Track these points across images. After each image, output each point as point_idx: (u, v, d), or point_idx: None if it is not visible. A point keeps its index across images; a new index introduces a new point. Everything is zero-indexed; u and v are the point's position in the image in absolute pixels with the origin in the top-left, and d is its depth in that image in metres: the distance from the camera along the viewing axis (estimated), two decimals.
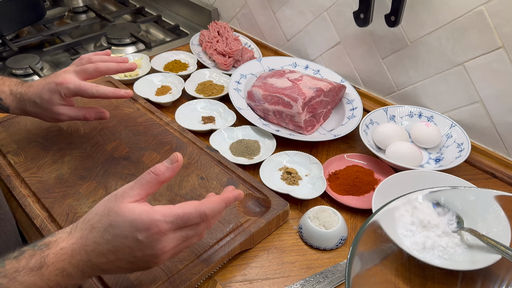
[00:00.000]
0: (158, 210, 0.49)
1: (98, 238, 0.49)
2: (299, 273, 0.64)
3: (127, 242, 0.49)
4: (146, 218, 0.48)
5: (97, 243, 0.49)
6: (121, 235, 0.48)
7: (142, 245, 0.49)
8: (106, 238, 0.49)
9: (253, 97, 0.92)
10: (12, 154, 0.79)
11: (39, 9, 1.30)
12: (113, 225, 0.49)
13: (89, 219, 0.50)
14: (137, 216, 0.48)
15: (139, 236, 0.48)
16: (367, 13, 0.85)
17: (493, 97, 0.80)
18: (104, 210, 0.50)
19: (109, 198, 0.51)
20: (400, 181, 0.73)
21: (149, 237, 0.49)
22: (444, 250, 0.57)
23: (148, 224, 0.48)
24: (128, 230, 0.48)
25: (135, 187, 0.51)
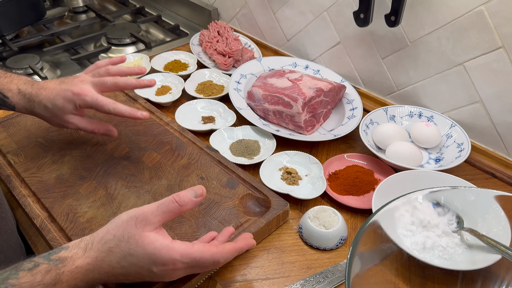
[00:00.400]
0: (177, 249, 0.51)
1: (115, 263, 0.50)
2: (299, 273, 0.64)
3: (141, 271, 0.51)
4: (166, 255, 0.50)
5: (112, 267, 0.50)
6: (137, 265, 0.50)
7: (154, 275, 0.51)
8: (122, 264, 0.50)
9: (253, 97, 0.92)
10: (12, 154, 0.79)
11: (39, 9, 1.30)
12: (132, 254, 0.50)
13: (107, 240, 0.50)
14: (157, 251, 0.50)
15: (154, 269, 0.50)
16: (367, 13, 0.85)
17: (493, 97, 0.80)
18: (123, 235, 0.50)
19: (129, 221, 0.51)
20: (400, 181, 0.73)
21: (163, 271, 0.51)
22: (444, 250, 0.57)
23: (166, 261, 0.50)
24: (146, 262, 0.50)
25: (156, 213, 0.52)
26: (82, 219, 0.67)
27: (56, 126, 0.75)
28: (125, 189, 0.72)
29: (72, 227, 0.66)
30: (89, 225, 0.66)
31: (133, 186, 0.73)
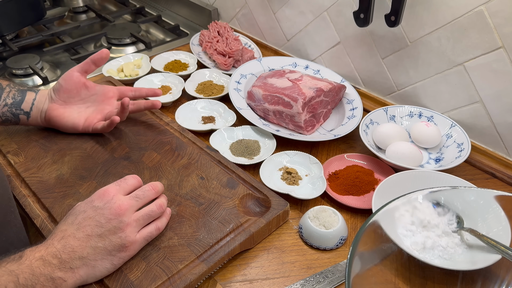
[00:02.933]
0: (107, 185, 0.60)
1: (63, 226, 0.56)
2: (299, 273, 0.64)
3: (88, 214, 0.57)
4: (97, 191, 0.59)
5: (64, 229, 0.56)
6: (80, 211, 0.57)
7: (101, 209, 0.57)
8: (70, 221, 0.57)
9: (253, 97, 0.92)
10: (12, 154, 0.79)
11: (39, 9, 1.30)
12: (71, 212, 0.58)
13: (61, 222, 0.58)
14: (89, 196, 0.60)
15: (94, 203, 0.58)
16: (367, 13, 0.85)
17: (493, 97, 0.80)
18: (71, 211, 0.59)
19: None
20: (400, 181, 0.73)
21: (102, 200, 0.58)
22: (444, 250, 0.57)
23: (100, 193, 0.59)
24: (84, 205, 0.58)
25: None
26: None
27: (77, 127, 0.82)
28: None
29: None
30: None
31: None
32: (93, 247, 0.55)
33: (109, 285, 0.58)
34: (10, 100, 0.78)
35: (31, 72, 1.11)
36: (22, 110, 0.79)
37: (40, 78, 1.07)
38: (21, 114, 0.79)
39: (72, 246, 0.54)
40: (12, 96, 0.78)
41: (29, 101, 0.79)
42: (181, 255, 0.62)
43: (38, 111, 0.80)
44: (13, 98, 0.78)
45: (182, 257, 0.62)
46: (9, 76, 1.12)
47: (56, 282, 0.52)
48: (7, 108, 0.78)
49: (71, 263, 0.53)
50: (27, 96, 0.79)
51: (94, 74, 1.06)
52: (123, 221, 0.57)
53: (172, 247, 0.63)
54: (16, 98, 0.78)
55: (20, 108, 0.78)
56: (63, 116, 0.80)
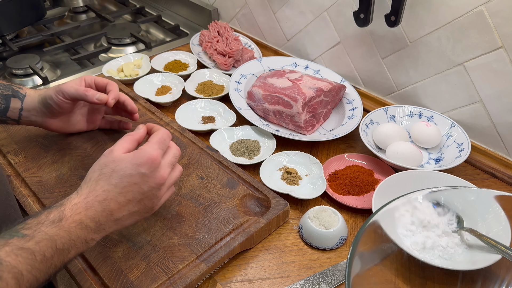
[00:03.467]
0: (144, 147, 0.58)
1: (106, 185, 0.54)
2: (299, 273, 0.64)
3: (134, 179, 0.55)
4: (141, 154, 0.56)
5: (107, 190, 0.54)
6: (126, 174, 0.55)
7: (147, 176, 0.56)
8: (114, 182, 0.55)
9: (253, 97, 0.92)
10: (12, 154, 0.79)
11: (39, 9, 1.30)
12: (116, 169, 0.55)
13: (90, 177, 0.56)
14: (132, 156, 0.56)
15: (142, 170, 0.56)
16: (367, 13, 0.85)
17: (493, 97, 0.80)
18: (101, 165, 0.56)
19: (100, 159, 0.57)
20: (400, 181, 0.73)
21: (150, 166, 0.56)
22: (444, 250, 0.57)
23: (145, 156, 0.56)
24: (131, 168, 0.55)
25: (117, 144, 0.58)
26: None
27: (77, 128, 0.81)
28: None
29: None
30: None
31: None
32: (129, 210, 0.56)
33: (109, 285, 0.58)
34: None
35: (31, 72, 1.11)
36: (9, 118, 0.74)
37: (40, 78, 1.07)
38: (8, 120, 0.75)
39: (111, 209, 0.54)
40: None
41: (15, 110, 0.74)
42: (181, 255, 0.62)
43: (30, 122, 0.76)
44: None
45: (182, 257, 0.62)
46: (9, 76, 1.12)
47: (89, 243, 0.53)
48: None
49: (106, 225, 0.54)
50: (11, 104, 0.73)
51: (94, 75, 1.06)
52: (162, 189, 0.59)
53: (172, 247, 0.63)
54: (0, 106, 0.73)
55: (6, 116, 0.74)
56: (63, 127, 0.80)
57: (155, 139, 0.59)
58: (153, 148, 0.57)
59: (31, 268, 0.46)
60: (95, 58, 1.20)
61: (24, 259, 0.45)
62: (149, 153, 0.56)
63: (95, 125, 0.84)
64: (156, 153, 0.57)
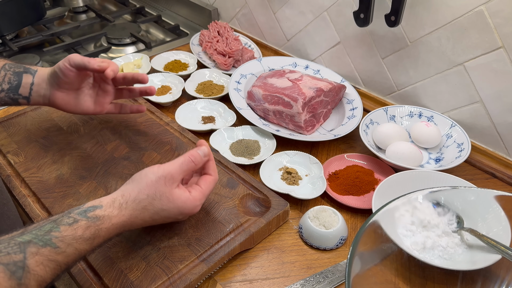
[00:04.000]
0: (196, 197, 0.60)
1: (147, 218, 0.57)
2: (299, 273, 0.64)
3: (168, 220, 0.60)
4: (190, 205, 0.60)
5: (145, 221, 0.57)
6: (168, 216, 0.59)
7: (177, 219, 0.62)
8: (154, 218, 0.58)
9: (253, 97, 0.92)
10: (12, 154, 0.79)
11: (39, 9, 1.30)
12: (164, 209, 0.58)
13: (140, 200, 0.56)
14: (183, 203, 0.59)
15: (180, 217, 0.61)
16: (367, 13, 0.85)
17: (493, 97, 0.80)
18: (155, 194, 0.57)
19: (158, 181, 0.58)
20: (400, 181, 0.73)
21: (187, 215, 0.61)
22: (444, 250, 0.57)
23: (191, 208, 0.60)
24: (175, 213, 0.59)
25: (179, 172, 0.59)
26: None
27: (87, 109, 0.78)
28: None
29: None
30: None
31: None
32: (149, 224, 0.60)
33: (109, 285, 0.58)
34: (7, 85, 0.73)
35: None
36: (20, 95, 0.74)
37: None
38: (19, 99, 0.75)
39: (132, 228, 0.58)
40: (8, 80, 0.74)
41: (26, 86, 0.74)
42: (181, 255, 0.62)
43: (39, 96, 0.75)
44: (9, 82, 0.74)
45: (182, 257, 0.62)
46: None
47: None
48: (4, 94, 0.74)
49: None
50: (23, 80, 0.74)
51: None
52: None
53: (172, 247, 0.63)
54: (12, 83, 0.74)
55: (17, 93, 0.74)
56: (69, 103, 0.77)
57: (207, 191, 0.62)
58: (201, 202, 0.61)
59: (54, 277, 0.48)
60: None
61: (51, 269, 0.47)
62: (195, 207, 0.61)
63: (103, 108, 0.80)
64: (199, 208, 0.62)
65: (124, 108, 0.83)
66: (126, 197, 0.56)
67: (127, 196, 0.56)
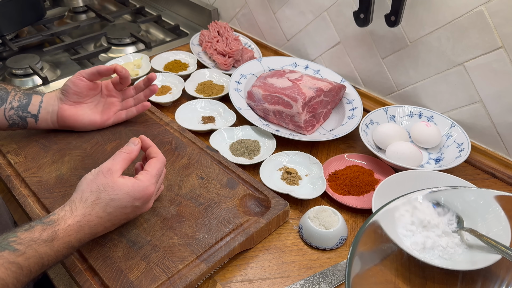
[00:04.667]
0: (143, 178, 0.61)
1: (101, 212, 0.57)
2: (299, 273, 0.64)
3: (126, 210, 0.60)
4: (139, 187, 0.60)
5: (100, 216, 0.57)
6: (121, 206, 0.59)
7: (138, 208, 0.61)
8: (108, 211, 0.58)
9: (253, 97, 0.92)
10: (12, 154, 0.79)
11: (39, 9, 1.30)
12: (114, 198, 0.58)
13: (86, 198, 0.58)
14: (131, 188, 0.59)
15: (136, 203, 0.60)
16: (367, 13, 0.85)
17: (493, 97, 0.80)
18: (99, 187, 0.58)
19: (97, 176, 0.59)
20: (400, 181, 0.73)
21: (144, 201, 0.61)
22: (444, 250, 0.57)
23: (142, 191, 0.60)
24: (128, 200, 0.59)
25: (115, 163, 0.61)
26: None
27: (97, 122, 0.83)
28: None
29: None
30: None
31: None
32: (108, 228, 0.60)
33: (109, 285, 0.58)
34: (16, 103, 0.77)
35: (31, 72, 1.11)
36: (29, 113, 0.78)
37: (40, 78, 1.07)
38: (28, 117, 0.78)
39: (97, 232, 0.58)
40: (18, 99, 0.77)
41: (35, 103, 0.78)
42: (181, 255, 0.62)
43: (47, 114, 0.79)
44: (19, 101, 0.77)
45: (182, 257, 0.62)
46: (9, 76, 1.12)
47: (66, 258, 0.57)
48: (13, 111, 0.77)
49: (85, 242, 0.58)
50: (33, 99, 0.78)
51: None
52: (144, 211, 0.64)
53: (172, 247, 0.63)
54: (22, 101, 0.77)
55: (27, 111, 0.77)
56: (77, 115, 0.81)
57: (154, 171, 0.62)
58: (151, 183, 0.61)
59: (17, 281, 0.49)
60: (95, 58, 1.20)
61: (12, 272, 0.48)
62: (146, 189, 0.60)
63: (109, 118, 0.84)
64: (152, 189, 0.61)
65: (130, 112, 0.86)
66: (73, 201, 0.58)
67: (73, 200, 0.58)
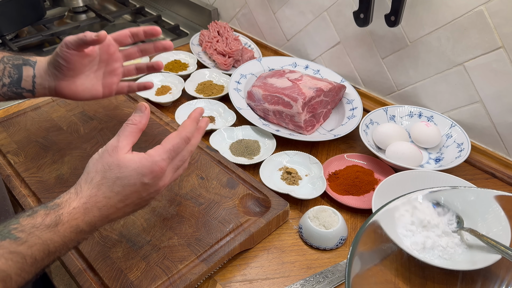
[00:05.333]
0: (153, 153, 0.55)
1: (108, 192, 0.53)
2: (299, 273, 0.64)
3: (135, 188, 0.54)
4: (147, 162, 0.54)
5: (108, 197, 0.53)
6: (129, 184, 0.53)
7: (148, 186, 0.55)
8: (116, 190, 0.53)
9: (253, 97, 0.92)
10: (12, 154, 0.79)
11: (39, 9, 1.30)
12: (120, 177, 0.53)
13: (91, 178, 0.53)
14: (139, 163, 0.54)
15: (145, 180, 0.54)
16: (367, 13, 0.85)
17: (493, 97, 0.80)
18: (104, 166, 0.54)
19: (102, 155, 0.55)
20: (400, 181, 0.73)
21: (153, 177, 0.54)
22: (444, 250, 0.57)
23: (151, 166, 0.54)
24: (135, 177, 0.53)
25: (121, 139, 0.55)
26: None
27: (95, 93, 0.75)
28: None
29: None
30: None
31: None
32: (125, 212, 0.55)
33: (109, 285, 0.58)
34: (7, 79, 0.70)
35: None
36: (24, 89, 0.71)
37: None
38: (24, 92, 0.71)
39: (108, 214, 0.53)
40: (8, 74, 0.70)
41: (28, 79, 0.71)
42: (181, 255, 0.62)
43: (44, 89, 0.72)
44: (10, 76, 0.70)
45: (182, 257, 0.62)
46: None
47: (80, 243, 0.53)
48: (6, 89, 0.70)
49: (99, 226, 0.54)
50: (24, 73, 0.71)
51: None
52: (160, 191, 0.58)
53: (172, 247, 0.63)
54: (13, 76, 0.70)
55: (21, 87, 0.71)
56: (77, 91, 0.73)
57: (168, 146, 0.56)
58: (162, 158, 0.55)
59: (21, 271, 0.45)
60: None
61: (14, 263, 0.45)
62: (156, 164, 0.54)
63: (111, 89, 0.77)
64: (163, 164, 0.55)
65: (132, 87, 0.81)
66: (79, 182, 0.54)
67: (79, 182, 0.54)
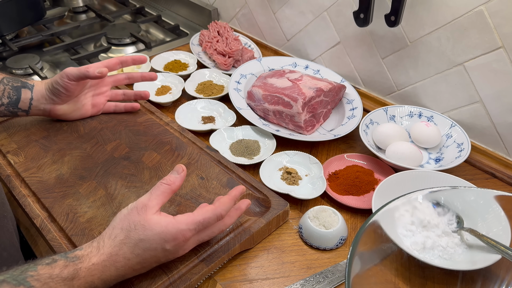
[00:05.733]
0: (181, 220, 0.54)
1: (128, 254, 0.52)
2: (299, 273, 0.64)
3: (156, 253, 0.53)
4: (173, 229, 0.53)
5: (127, 258, 0.52)
6: (151, 248, 0.53)
7: (169, 252, 0.54)
8: (137, 252, 0.52)
9: (253, 97, 0.92)
10: (12, 154, 0.79)
11: (39, 9, 1.30)
12: (143, 239, 0.53)
13: (116, 235, 0.53)
14: (164, 228, 0.53)
15: (167, 246, 0.53)
16: (367, 13, 0.85)
17: (493, 97, 0.80)
18: (130, 225, 0.53)
19: (131, 212, 0.54)
20: (400, 181, 0.73)
21: (175, 245, 0.54)
22: (444, 250, 0.57)
23: (175, 234, 0.53)
24: (158, 242, 0.53)
25: (152, 198, 0.55)
26: (82, 219, 0.67)
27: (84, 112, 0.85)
28: (125, 189, 0.72)
29: (72, 227, 0.66)
30: (89, 225, 0.66)
31: (133, 186, 0.73)
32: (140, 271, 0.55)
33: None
34: (6, 99, 0.78)
35: (31, 72, 1.11)
36: (20, 109, 0.79)
37: (40, 78, 1.07)
38: (19, 112, 0.80)
39: (125, 274, 0.53)
40: (8, 95, 0.78)
41: (26, 100, 0.79)
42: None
43: (39, 110, 0.81)
44: (9, 97, 0.78)
45: (182, 257, 0.61)
46: None
47: None
48: (4, 108, 0.78)
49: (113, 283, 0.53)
50: (22, 95, 0.79)
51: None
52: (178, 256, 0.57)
53: None
54: (12, 98, 0.78)
55: (17, 107, 0.79)
56: (69, 112, 0.84)
57: (199, 217, 0.55)
58: (188, 228, 0.54)
59: None
60: (95, 58, 1.19)
61: None
62: (180, 232, 0.53)
63: (99, 109, 0.87)
64: (188, 235, 0.54)
65: (118, 106, 0.88)
66: (103, 236, 0.53)
67: (103, 235, 0.54)
